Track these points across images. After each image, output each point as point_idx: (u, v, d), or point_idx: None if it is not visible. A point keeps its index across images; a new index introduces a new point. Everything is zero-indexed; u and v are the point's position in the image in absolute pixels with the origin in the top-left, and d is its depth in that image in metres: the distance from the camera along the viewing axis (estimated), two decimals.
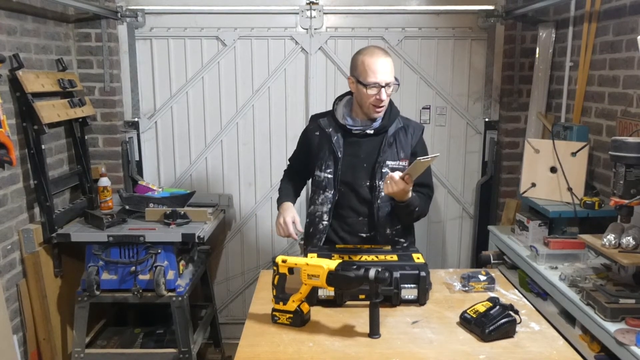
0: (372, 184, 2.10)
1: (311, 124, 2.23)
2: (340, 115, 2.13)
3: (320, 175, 2.14)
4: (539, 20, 3.14)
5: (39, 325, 2.62)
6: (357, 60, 2.02)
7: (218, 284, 3.54)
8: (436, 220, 3.53)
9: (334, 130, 2.12)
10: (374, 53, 2.00)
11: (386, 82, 1.97)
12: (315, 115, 2.26)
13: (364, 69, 1.98)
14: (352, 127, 2.10)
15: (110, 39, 3.14)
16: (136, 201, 2.92)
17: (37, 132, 2.52)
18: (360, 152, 2.11)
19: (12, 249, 2.48)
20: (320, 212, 2.16)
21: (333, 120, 2.14)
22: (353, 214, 2.15)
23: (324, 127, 2.15)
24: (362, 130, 2.09)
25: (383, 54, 2.00)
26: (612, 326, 1.83)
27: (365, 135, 2.10)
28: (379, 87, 1.97)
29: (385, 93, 1.98)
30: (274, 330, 1.67)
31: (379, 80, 1.96)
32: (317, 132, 2.17)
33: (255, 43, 3.27)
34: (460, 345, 1.58)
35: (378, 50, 2.01)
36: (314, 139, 2.18)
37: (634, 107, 2.34)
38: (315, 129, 2.18)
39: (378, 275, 1.59)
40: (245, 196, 3.46)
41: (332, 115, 2.16)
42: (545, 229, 2.56)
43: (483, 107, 3.37)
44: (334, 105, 2.19)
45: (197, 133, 3.37)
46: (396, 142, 2.10)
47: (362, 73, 1.99)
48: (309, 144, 2.20)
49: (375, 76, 1.96)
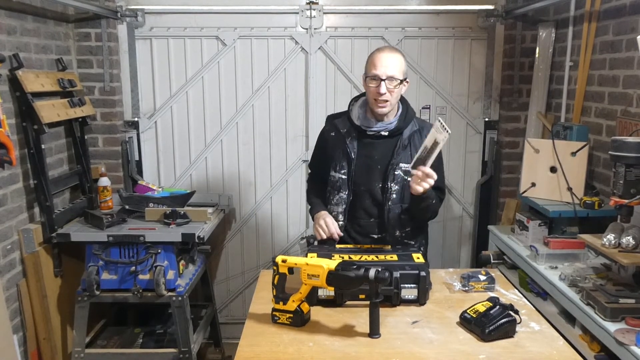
0: (384, 186, 2.10)
1: (327, 124, 2.24)
2: (355, 116, 2.13)
3: (335, 176, 2.15)
4: (539, 20, 3.14)
5: (39, 325, 2.62)
6: (368, 57, 2.07)
7: (218, 284, 3.54)
8: (436, 220, 3.51)
9: (349, 131, 2.12)
10: (381, 49, 2.04)
11: (387, 76, 1.97)
12: (332, 115, 2.26)
13: (369, 63, 2.03)
14: (366, 128, 2.09)
15: (110, 39, 3.14)
16: (136, 201, 2.91)
17: (37, 131, 2.52)
18: (375, 154, 2.10)
19: (12, 249, 2.48)
20: (335, 212, 2.17)
21: (348, 121, 2.14)
22: (365, 215, 2.15)
23: (339, 128, 2.15)
24: (376, 131, 2.09)
25: (389, 50, 2.04)
26: (612, 326, 1.83)
27: (380, 136, 2.09)
28: (379, 80, 1.97)
29: (385, 87, 1.97)
30: (274, 330, 1.67)
31: (378, 72, 1.97)
32: (333, 133, 2.17)
33: (255, 43, 3.27)
34: (460, 345, 1.58)
35: (386, 47, 2.06)
36: (330, 140, 2.18)
37: (634, 107, 2.34)
38: (331, 129, 2.19)
39: (378, 275, 1.59)
40: (245, 196, 3.46)
41: (347, 115, 2.16)
42: (545, 229, 2.56)
43: (483, 107, 3.37)
44: (350, 105, 2.18)
45: (197, 133, 3.37)
46: (411, 144, 2.10)
47: (367, 67, 2.03)
48: (325, 145, 2.21)
49: (375, 69, 1.98)
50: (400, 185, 2.09)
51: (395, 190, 2.08)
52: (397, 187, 2.08)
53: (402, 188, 2.08)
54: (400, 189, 2.09)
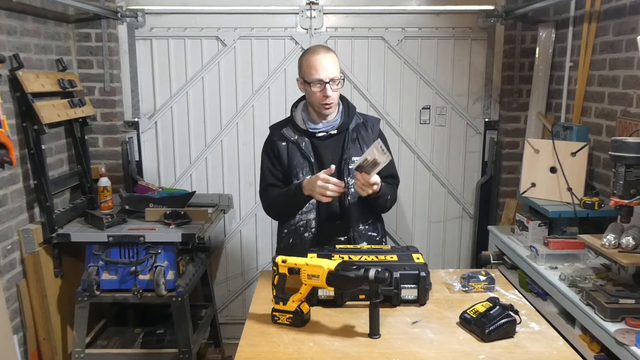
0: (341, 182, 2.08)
1: (274, 135, 2.17)
2: (300, 121, 2.13)
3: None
4: (539, 20, 3.14)
5: (39, 325, 2.62)
6: (301, 61, 2.04)
7: (218, 284, 3.54)
8: (436, 220, 3.53)
9: (300, 137, 2.12)
10: (315, 51, 2.02)
11: (330, 78, 1.98)
12: (274, 126, 2.22)
13: (307, 67, 2.00)
14: (314, 130, 2.10)
15: (110, 39, 3.14)
16: (136, 201, 2.92)
17: (37, 132, 2.52)
18: (328, 153, 2.12)
19: (12, 249, 2.48)
20: (305, 220, 2.13)
21: (294, 128, 2.13)
22: (330, 219, 2.13)
23: (288, 137, 2.13)
24: (325, 131, 2.10)
25: (324, 51, 2.02)
26: (612, 326, 1.83)
27: (329, 136, 2.11)
28: (323, 84, 1.98)
29: (331, 88, 1.99)
30: (274, 330, 1.67)
31: (322, 76, 1.97)
32: (284, 142, 2.14)
33: (255, 43, 3.27)
34: (460, 345, 1.58)
35: (319, 48, 2.03)
36: (282, 150, 2.13)
37: (634, 107, 2.34)
38: (279, 139, 2.14)
39: (378, 275, 1.59)
40: (245, 196, 3.46)
41: (292, 122, 2.15)
42: (545, 229, 2.56)
43: (483, 107, 3.37)
44: (292, 113, 2.19)
45: (197, 133, 3.37)
46: (358, 137, 2.13)
47: (306, 72, 2.01)
48: (278, 156, 2.14)
49: (318, 73, 1.97)
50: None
51: (353, 184, 2.06)
52: (353, 181, 2.05)
53: None
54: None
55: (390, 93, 3.34)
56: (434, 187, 3.47)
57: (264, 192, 2.22)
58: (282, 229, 2.24)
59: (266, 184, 2.20)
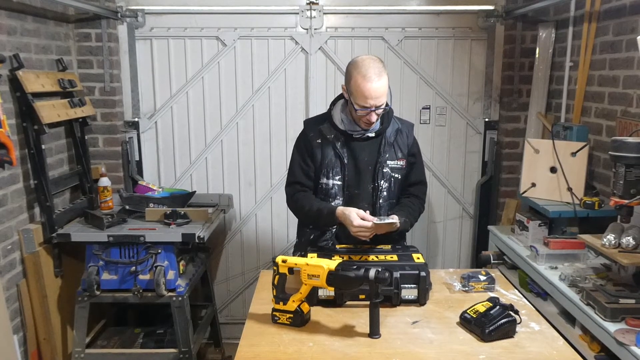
0: (374, 185, 2.11)
1: (310, 130, 2.15)
2: (338, 120, 2.11)
3: (329, 183, 2.12)
4: (539, 20, 3.14)
5: (39, 325, 2.62)
6: (351, 77, 1.96)
7: (218, 284, 3.54)
8: (436, 220, 3.53)
9: (336, 137, 2.10)
10: (368, 77, 1.91)
11: (376, 106, 1.96)
12: (311, 121, 2.20)
13: (356, 91, 1.94)
14: (352, 131, 2.09)
15: (110, 39, 3.14)
16: (136, 201, 2.92)
17: (37, 132, 2.52)
18: (363, 155, 2.11)
19: (12, 249, 2.48)
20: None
21: (332, 127, 2.12)
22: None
23: (325, 134, 2.11)
24: (363, 133, 2.09)
25: (377, 77, 1.91)
26: (612, 326, 1.83)
27: (366, 138, 2.10)
28: (370, 111, 1.97)
29: (375, 114, 1.98)
30: (274, 330, 1.68)
31: (369, 105, 1.95)
32: (319, 140, 2.12)
33: (255, 43, 3.27)
34: (460, 345, 1.58)
35: (372, 72, 1.92)
36: (317, 147, 2.12)
37: (634, 107, 2.34)
38: (316, 136, 2.13)
39: (378, 275, 1.59)
40: (245, 196, 3.46)
41: (329, 121, 2.13)
42: (545, 229, 2.56)
43: (483, 107, 3.37)
44: (330, 110, 2.16)
45: (197, 133, 3.37)
46: (395, 142, 2.13)
47: (354, 93, 1.96)
48: (311, 152, 2.12)
49: (365, 101, 1.94)
50: (388, 182, 2.12)
51: (385, 188, 2.12)
52: (386, 185, 2.12)
53: (390, 184, 2.13)
54: (389, 186, 2.13)
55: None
56: (434, 187, 3.46)
57: (290, 188, 2.19)
58: (303, 225, 2.25)
59: (294, 180, 2.17)
